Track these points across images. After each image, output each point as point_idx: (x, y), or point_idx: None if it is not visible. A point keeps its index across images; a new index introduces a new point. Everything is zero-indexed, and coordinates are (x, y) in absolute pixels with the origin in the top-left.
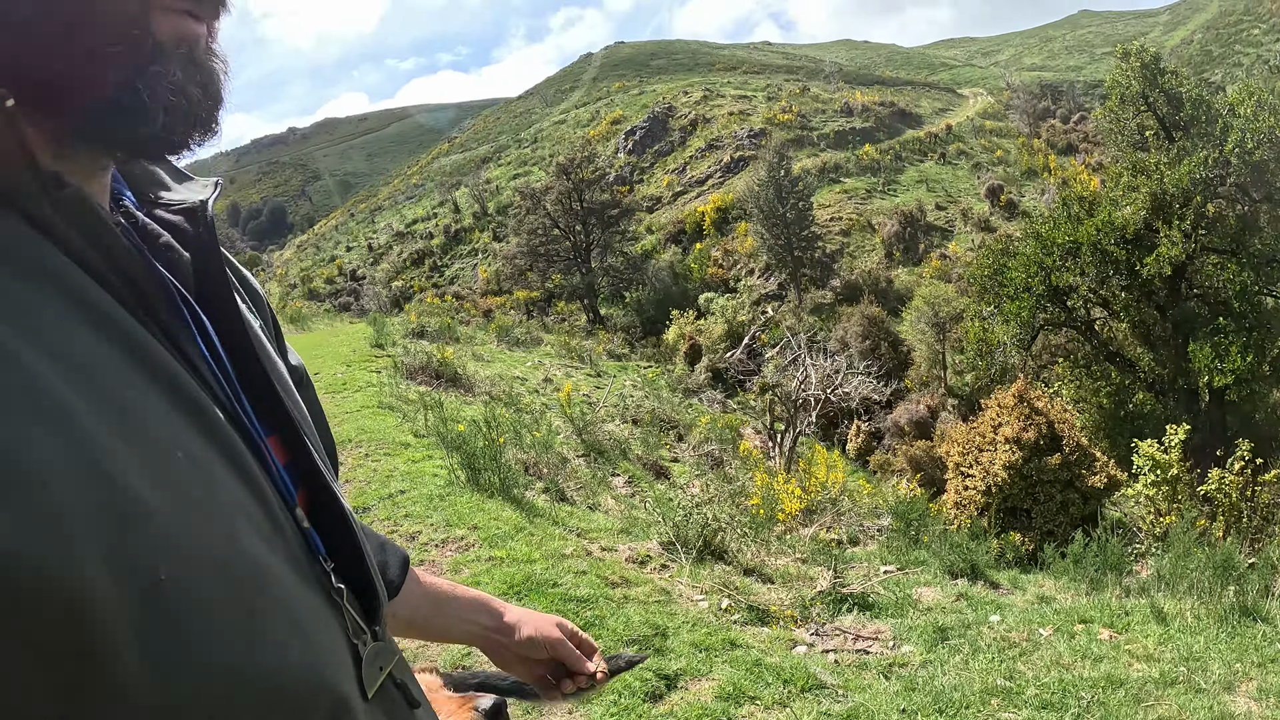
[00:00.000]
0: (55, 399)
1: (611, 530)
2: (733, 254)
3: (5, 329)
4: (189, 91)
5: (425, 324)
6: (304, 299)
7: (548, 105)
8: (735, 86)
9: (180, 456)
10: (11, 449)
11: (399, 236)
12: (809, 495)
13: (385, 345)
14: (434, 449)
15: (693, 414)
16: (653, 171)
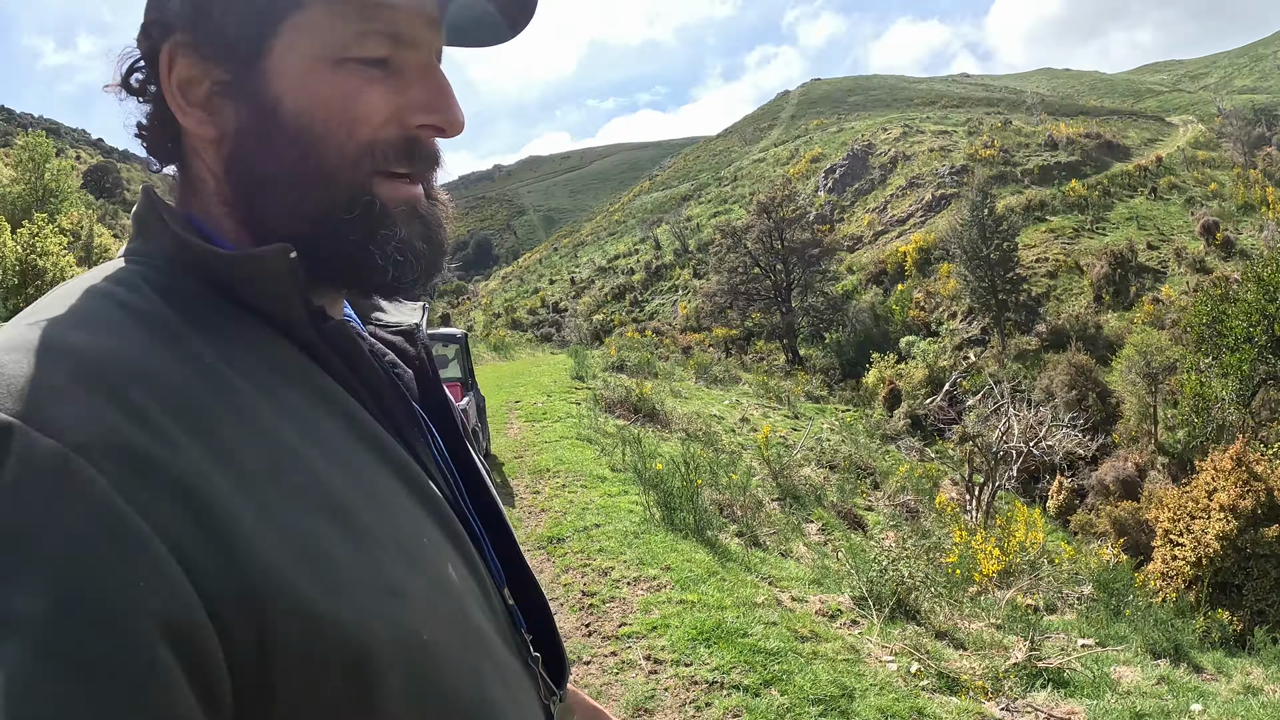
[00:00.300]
0: (337, 496)
1: (803, 580)
2: (935, 296)
3: (294, 436)
4: (414, 246)
5: (625, 358)
6: (507, 328)
7: (747, 143)
8: (934, 121)
9: (425, 542)
10: (311, 537)
11: (601, 271)
12: (1007, 556)
13: (585, 377)
14: (630, 484)
15: (890, 461)
16: (853, 210)
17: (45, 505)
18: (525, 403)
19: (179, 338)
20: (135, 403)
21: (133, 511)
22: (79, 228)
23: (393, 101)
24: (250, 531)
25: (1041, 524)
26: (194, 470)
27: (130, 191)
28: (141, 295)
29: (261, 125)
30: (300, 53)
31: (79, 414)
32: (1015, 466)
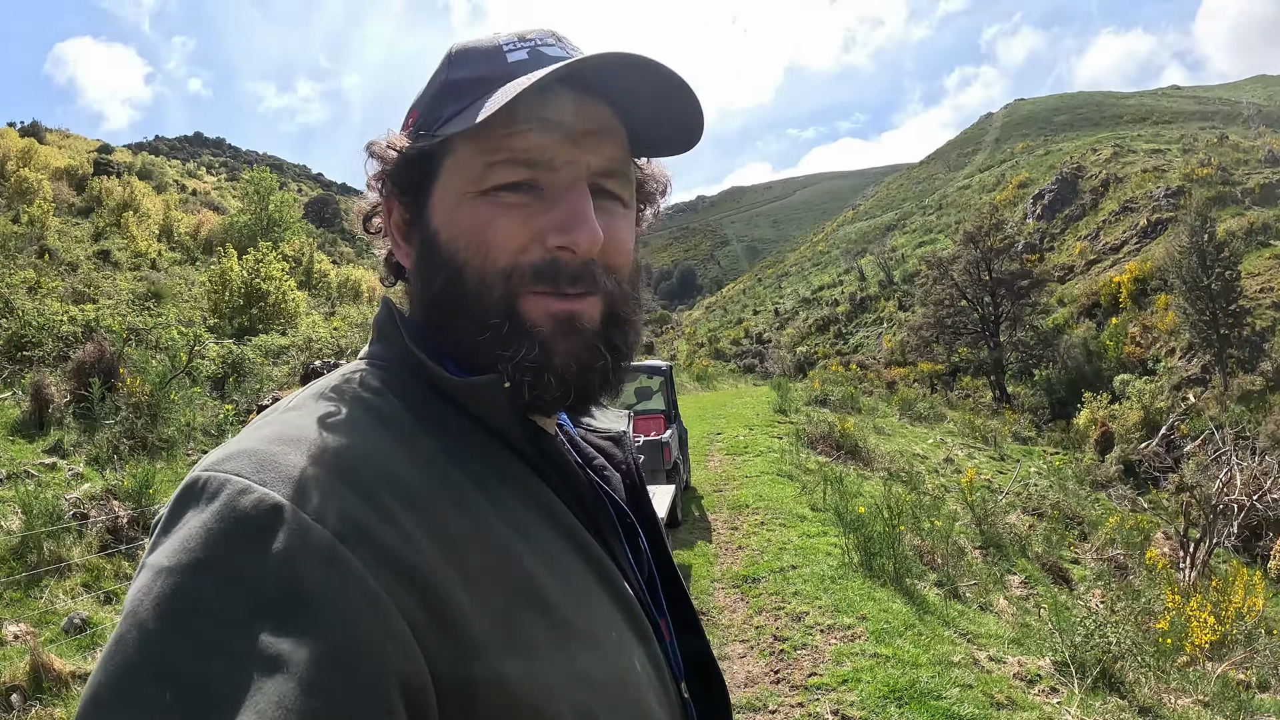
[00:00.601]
0: (542, 590)
1: (1002, 639)
2: (1151, 330)
3: (509, 533)
4: (554, 362)
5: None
6: (710, 358)
7: (950, 170)
8: (1146, 140)
9: (614, 637)
10: (517, 624)
11: (805, 302)
12: (1223, 626)
13: (787, 411)
14: (829, 525)
15: (1099, 511)
16: (1063, 238)
17: (316, 575)
18: (727, 435)
19: (416, 442)
20: (382, 501)
21: (382, 591)
22: (300, 254)
23: (532, 225)
24: (468, 616)
25: (1262, 588)
26: (425, 561)
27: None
28: (385, 400)
29: (425, 255)
30: (450, 189)
31: (340, 507)
32: (1236, 522)
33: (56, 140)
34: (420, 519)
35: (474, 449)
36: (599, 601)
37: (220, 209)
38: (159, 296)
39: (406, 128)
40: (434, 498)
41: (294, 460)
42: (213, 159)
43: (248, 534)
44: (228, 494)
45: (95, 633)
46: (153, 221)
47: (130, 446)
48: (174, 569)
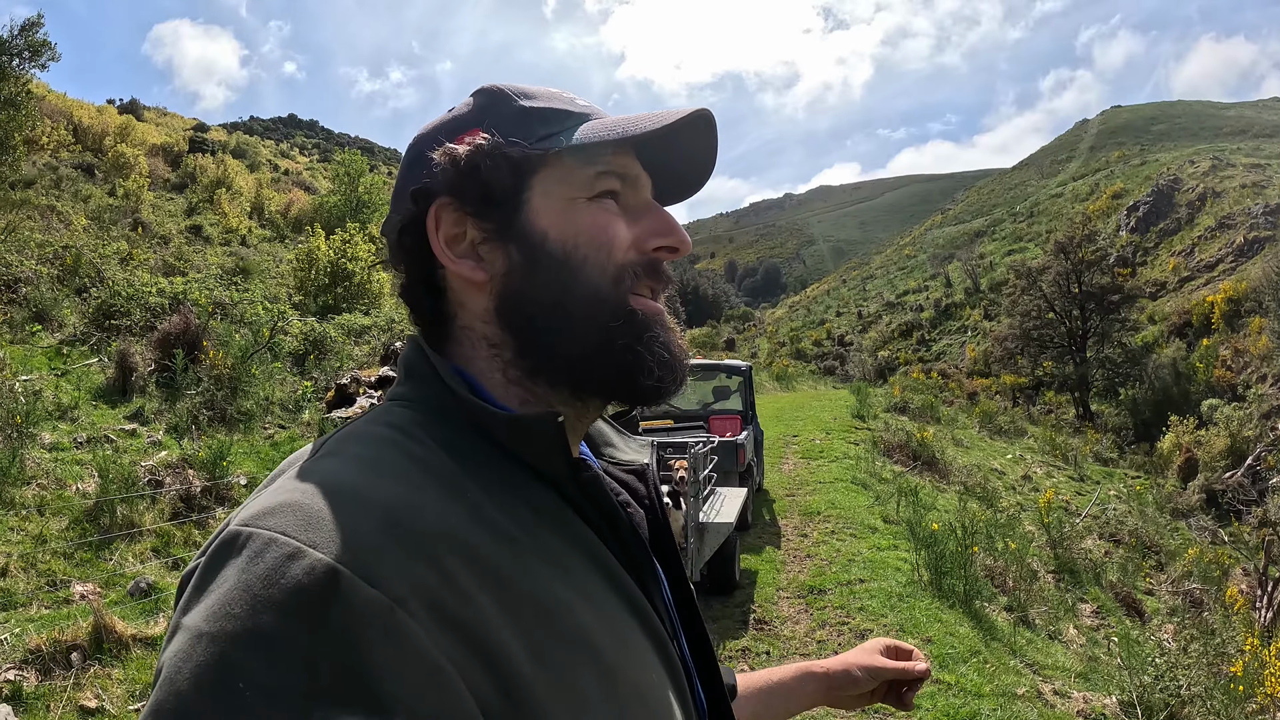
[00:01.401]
0: (593, 641)
1: (1069, 671)
2: (1244, 354)
3: (561, 584)
4: (674, 350)
5: (908, 400)
6: (790, 358)
7: (1043, 176)
8: (1246, 154)
9: (654, 679)
10: (572, 679)
11: (889, 306)
12: None
13: (865, 417)
14: (901, 539)
15: (1178, 540)
16: (1157, 253)
17: (375, 651)
18: (803, 438)
19: (462, 490)
20: (438, 558)
21: (446, 661)
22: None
23: (632, 230)
24: (529, 677)
25: None
26: (486, 623)
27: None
28: (425, 447)
29: (531, 260)
30: (555, 195)
31: (396, 569)
32: None
33: (154, 118)
34: (477, 576)
35: (518, 493)
36: (640, 648)
37: (311, 189)
38: (247, 272)
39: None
40: (487, 551)
41: (343, 518)
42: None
43: (300, 604)
44: (275, 556)
45: (160, 598)
46: (244, 199)
47: (209, 418)
48: (217, 637)
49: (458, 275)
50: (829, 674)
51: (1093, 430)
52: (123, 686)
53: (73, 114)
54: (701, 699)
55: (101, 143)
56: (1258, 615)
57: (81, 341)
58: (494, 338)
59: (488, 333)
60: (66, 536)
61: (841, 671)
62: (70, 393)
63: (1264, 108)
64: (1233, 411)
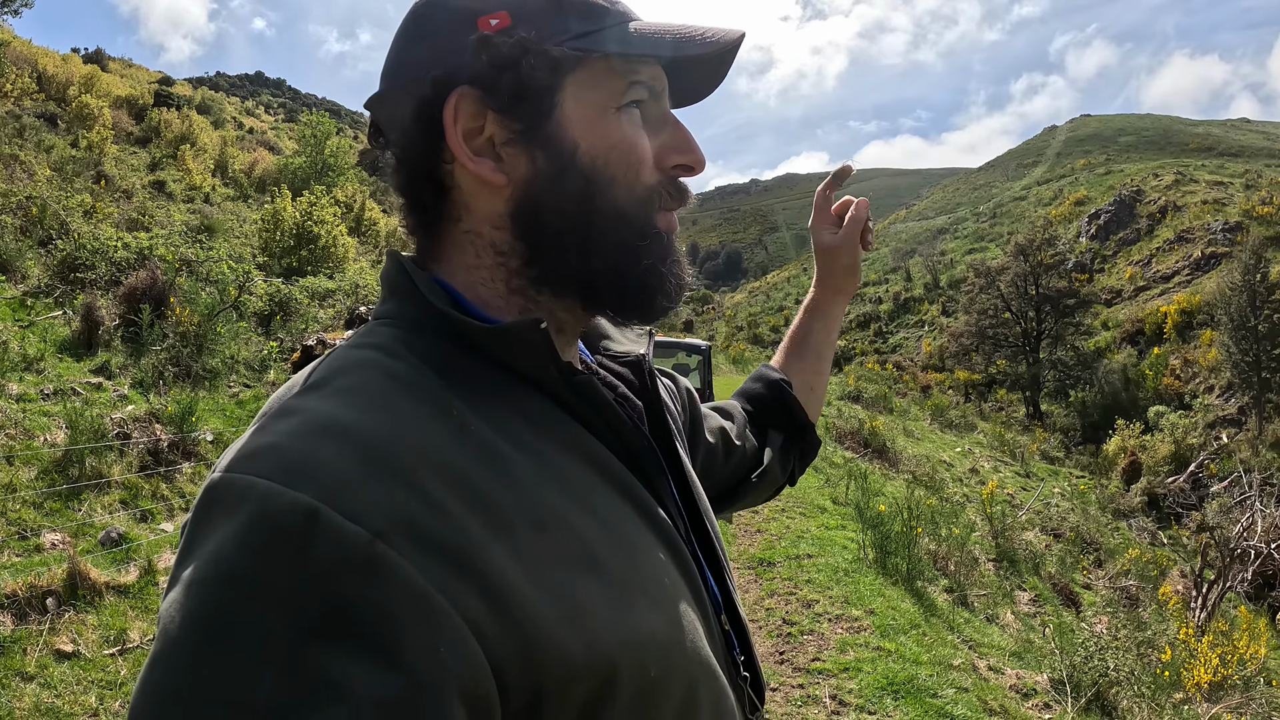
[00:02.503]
0: (594, 548)
1: (1004, 650)
2: (1193, 365)
3: (555, 492)
4: (685, 269)
5: (862, 389)
6: (748, 342)
7: (1008, 179)
8: (1210, 171)
9: (666, 583)
10: (573, 591)
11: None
12: (1226, 669)
13: None
14: (849, 520)
15: (1117, 540)
16: (1115, 261)
17: (361, 586)
18: None
19: (446, 407)
20: (421, 485)
21: (433, 589)
22: (352, 200)
23: (653, 144)
24: (525, 596)
25: (1267, 637)
26: (476, 544)
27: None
28: (406, 363)
29: (559, 169)
30: (587, 102)
31: (376, 500)
32: (1251, 568)
33: (119, 69)
34: (464, 496)
35: (509, 403)
36: (648, 547)
37: (276, 149)
38: (211, 230)
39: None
40: (475, 469)
41: (321, 453)
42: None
43: (280, 544)
44: (254, 500)
45: (130, 547)
46: (208, 156)
47: (175, 374)
48: (205, 583)
49: (475, 175)
50: (822, 294)
51: (1041, 429)
52: (97, 632)
53: (38, 61)
54: (716, 593)
55: (65, 92)
56: (1192, 615)
57: (46, 294)
58: (502, 244)
59: (496, 239)
60: (35, 486)
61: (827, 281)
62: (36, 345)
63: (1231, 127)
64: (1178, 419)
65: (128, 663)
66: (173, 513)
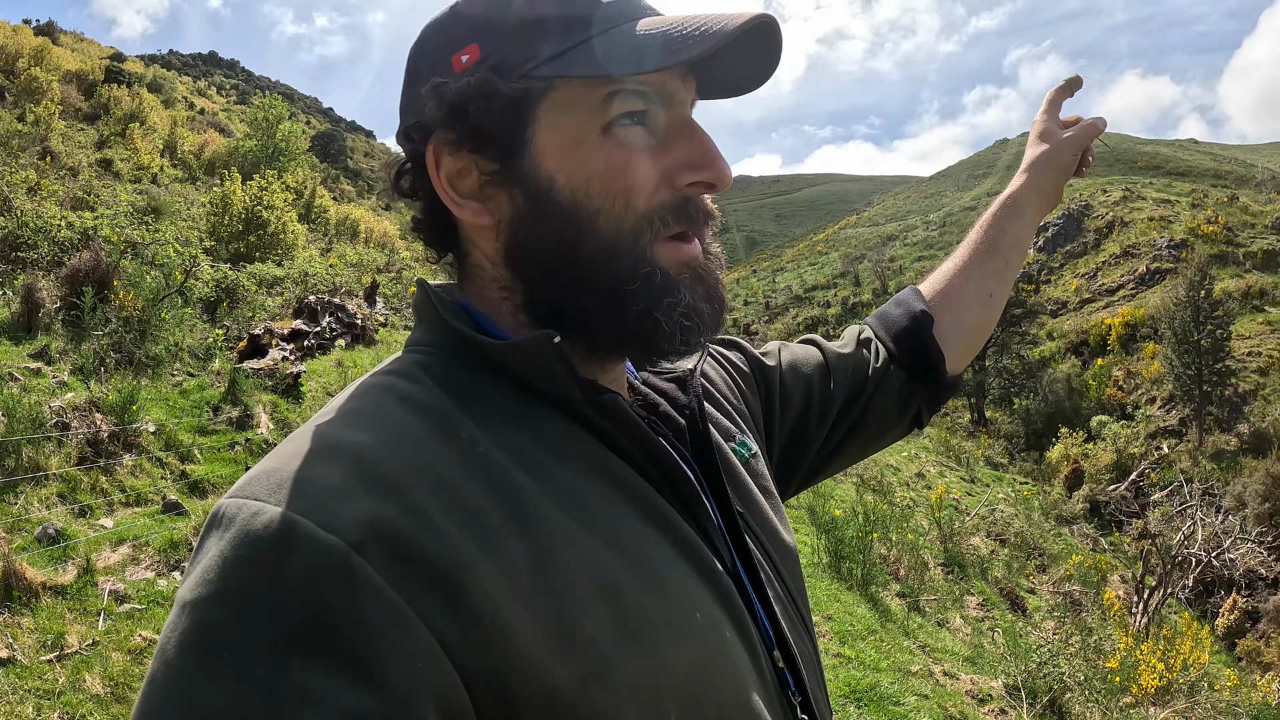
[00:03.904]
0: (608, 578)
1: (957, 655)
2: (1135, 376)
3: (565, 519)
4: (699, 308)
5: None
6: None
7: (959, 189)
8: (1157, 189)
9: (699, 617)
10: (574, 620)
11: (797, 300)
12: (1171, 673)
13: None
14: (801, 524)
15: (1061, 545)
16: (1061, 273)
17: (336, 597)
18: None
19: (454, 427)
20: (410, 499)
21: (404, 602)
22: (303, 186)
23: (661, 163)
24: (509, 619)
25: (1208, 643)
26: (457, 560)
27: (353, 160)
28: (421, 386)
29: (537, 208)
30: (563, 131)
31: (357, 512)
32: (1191, 575)
33: (70, 43)
34: (454, 513)
35: (526, 425)
36: (678, 579)
37: (226, 131)
38: (158, 212)
39: (458, 68)
40: (474, 488)
41: (311, 471)
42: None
43: (260, 557)
44: (242, 519)
45: (68, 545)
46: (158, 136)
47: (117, 360)
48: (195, 602)
49: (461, 218)
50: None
51: (986, 436)
52: (33, 636)
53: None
54: (767, 627)
55: (15, 65)
56: (1133, 620)
57: None
58: (503, 280)
59: (497, 275)
60: None
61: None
62: None
63: (1179, 147)
64: (1121, 429)
65: (65, 670)
66: (112, 508)
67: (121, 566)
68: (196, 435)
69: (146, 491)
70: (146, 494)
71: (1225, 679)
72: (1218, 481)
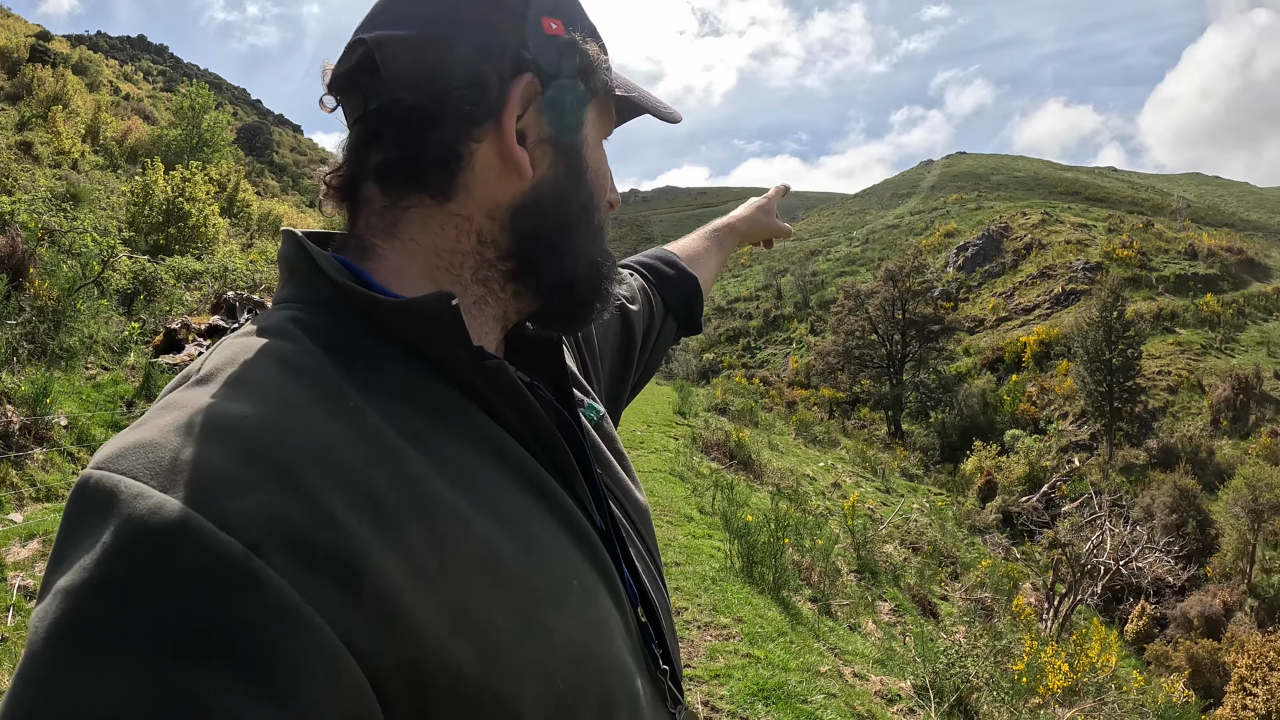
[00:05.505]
0: (496, 553)
1: (868, 658)
2: (1048, 393)
3: (455, 494)
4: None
5: (729, 402)
6: None
7: (882, 207)
8: (1075, 213)
9: (575, 584)
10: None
11: (719, 311)
12: (1076, 674)
13: (687, 414)
14: (715, 529)
15: (973, 554)
16: (979, 291)
17: (235, 604)
18: (624, 428)
19: (341, 397)
20: (304, 485)
21: (305, 603)
22: (226, 179)
23: None
24: (412, 606)
25: (1116, 647)
26: (358, 550)
27: (279, 154)
28: (301, 347)
29: (575, 180)
30: (595, 127)
31: (252, 506)
32: (1100, 583)
33: None
34: (351, 497)
35: (413, 393)
36: (558, 547)
37: (151, 119)
38: (77, 199)
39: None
40: (365, 466)
41: (197, 452)
42: (152, 66)
43: (149, 554)
44: (125, 504)
45: None
46: (81, 120)
47: (30, 351)
48: (70, 591)
49: (508, 161)
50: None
51: (902, 447)
52: None
53: None
54: (631, 585)
55: None
56: (1043, 625)
57: None
58: (488, 234)
59: (485, 227)
60: None
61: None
62: None
63: (1098, 174)
64: (1033, 442)
65: None
66: (22, 502)
67: (31, 562)
68: (110, 430)
69: (57, 486)
70: (57, 489)
71: (1133, 680)
72: (1127, 494)
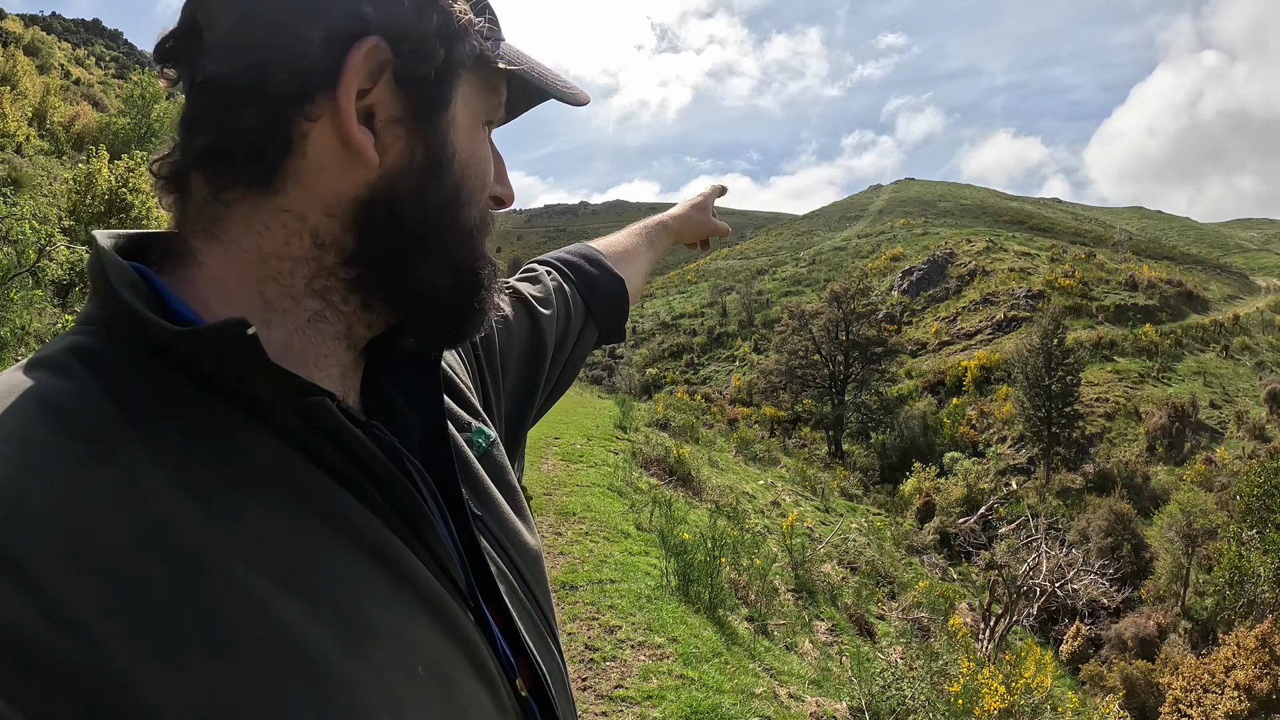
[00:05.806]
0: (307, 648)
1: (804, 679)
2: (988, 416)
3: (255, 577)
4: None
5: (670, 418)
6: None
7: (830, 229)
8: (1019, 242)
9: (421, 672)
10: (265, 708)
11: (664, 326)
12: (1012, 695)
13: (627, 429)
14: (653, 546)
15: (911, 574)
16: (923, 316)
17: None
18: (564, 441)
19: (113, 452)
20: (41, 577)
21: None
22: None
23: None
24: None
25: (1051, 668)
26: (108, 667)
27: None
28: (75, 385)
29: (435, 169)
30: (470, 108)
31: None
32: (1036, 604)
33: None
34: (100, 590)
35: (208, 437)
36: (403, 627)
37: (101, 105)
38: (18, 184)
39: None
40: (129, 545)
41: None
42: (105, 51)
43: None
44: None
45: None
46: (28, 103)
47: None
48: None
49: (347, 145)
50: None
51: (842, 467)
52: None
53: None
54: (509, 655)
55: None
56: (980, 645)
57: None
58: (326, 234)
59: (321, 226)
60: None
61: (688, 235)
62: None
63: (1043, 205)
64: (972, 465)
65: None
66: None
67: None
68: None
69: None
70: None
71: (1068, 701)
72: (1063, 517)
